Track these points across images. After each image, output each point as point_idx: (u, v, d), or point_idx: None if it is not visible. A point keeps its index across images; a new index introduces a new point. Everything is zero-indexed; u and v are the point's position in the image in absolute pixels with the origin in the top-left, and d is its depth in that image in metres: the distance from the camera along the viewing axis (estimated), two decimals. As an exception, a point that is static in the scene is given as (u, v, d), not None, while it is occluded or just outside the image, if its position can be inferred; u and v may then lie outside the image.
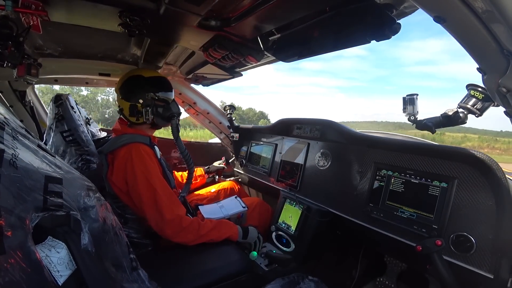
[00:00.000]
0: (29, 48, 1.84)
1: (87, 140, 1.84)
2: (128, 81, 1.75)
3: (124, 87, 1.75)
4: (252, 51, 1.63)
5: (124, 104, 1.75)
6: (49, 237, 0.73)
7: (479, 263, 1.16)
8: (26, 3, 1.13)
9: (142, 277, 1.00)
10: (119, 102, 1.77)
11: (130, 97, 1.73)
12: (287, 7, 1.19)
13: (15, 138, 0.71)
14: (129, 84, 1.75)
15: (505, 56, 0.66)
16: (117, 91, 1.78)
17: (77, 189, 0.84)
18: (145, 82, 1.75)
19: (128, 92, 1.75)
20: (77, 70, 2.28)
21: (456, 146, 1.32)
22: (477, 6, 0.59)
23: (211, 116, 3.03)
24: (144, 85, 1.74)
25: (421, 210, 1.36)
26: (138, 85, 1.74)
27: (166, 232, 1.54)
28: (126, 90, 1.75)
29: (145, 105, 1.73)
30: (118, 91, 1.77)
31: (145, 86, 1.74)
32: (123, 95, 1.75)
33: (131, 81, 1.75)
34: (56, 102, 1.81)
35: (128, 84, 1.75)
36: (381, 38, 1.10)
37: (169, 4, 1.17)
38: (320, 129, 2.05)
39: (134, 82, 1.75)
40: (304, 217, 1.86)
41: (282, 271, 1.66)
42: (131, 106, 1.74)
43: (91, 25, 1.53)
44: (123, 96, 1.75)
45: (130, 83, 1.75)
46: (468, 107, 1.09)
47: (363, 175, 1.66)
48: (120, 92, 1.76)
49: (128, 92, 1.75)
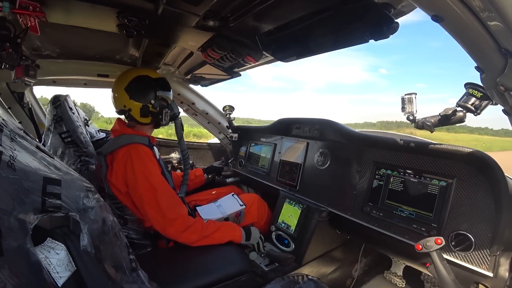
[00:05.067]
0: (27, 49, 1.84)
1: (85, 141, 1.84)
2: (136, 81, 1.72)
3: (132, 87, 1.71)
4: (250, 51, 1.63)
5: (133, 104, 1.72)
6: (48, 238, 0.73)
7: (479, 261, 1.16)
8: (23, 4, 1.13)
9: (141, 278, 1.00)
10: (126, 103, 1.72)
11: (141, 98, 1.72)
12: (285, 7, 1.20)
13: (13, 140, 0.71)
14: (138, 84, 1.73)
15: (503, 54, 0.66)
16: (121, 91, 1.72)
17: (76, 191, 0.84)
18: (155, 83, 1.76)
19: (138, 93, 1.72)
20: (75, 71, 2.27)
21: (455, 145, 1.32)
22: (474, 4, 0.59)
23: (210, 116, 3.03)
24: (154, 86, 1.75)
25: (420, 209, 1.37)
26: (148, 86, 1.74)
27: (170, 232, 1.54)
28: (135, 90, 1.72)
29: (156, 106, 1.75)
30: (124, 91, 1.72)
31: (155, 87, 1.75)
32: (132, 95, 1.72)
33: (141, 81, 1.73)
34: (55, 103, 1.81)
35: (137, 84, 1.73)
36: (380, 37, 1.10)
37: (167, 4, 1.17)
38: (319, 129, 2.05)
39: (144, 83, 1.74)
40: (303, 216, 1.86)
41: (282, 270, 1.66)
42: (143, 107, 1.73)
43: (89, 26, 1.53)
44: (132, 97, 1.71)
45: (140, 83, 1.73)
46: (466, 106, 1.09)
47: (362, 174, 1.66)
48: (128, 92, 1.71)
49: (138, 93, 1.72)
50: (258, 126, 2.82)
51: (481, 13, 0.60)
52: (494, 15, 0.58)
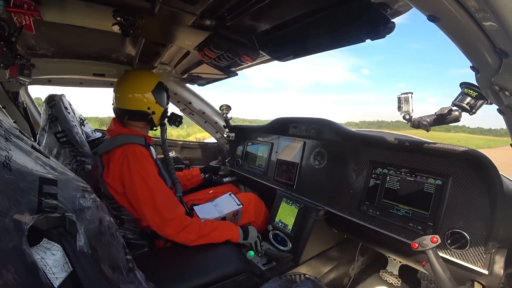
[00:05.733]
0: (22, 48, 1.82)
1: (81, 141, 1.83)
2: (159, 86, 1.83)
3: (157, 92, 1.82)
4: (247, 51, 1.63)
5: (158, 108, 1.83)
6: (44, 239, 0.72)
7: (474, 259, 1.17)
8: (18, 2, 1.12)
9: (138, 278, 1.00)
10: (151, 105, 1.79)
11: (163, 103, 1.88)
12: (282, 6, 1.20)
13: (8, 140, 0.70)
14: (161, 89, 1.86)
15: (497, 54, 0.67)
16: (146, 93, 1.78)
17: (72, 191, 0.84)
18: (166, 90, 1.92)
19: (162, 97, 1.86)
20: (71, 70, 2.26)
21: (451, 144, 1.33)
22: (470, 5, 0.60)
23: (206, 116, 3.03)
24: (167, 93, 1.94)
25: (416, 207, 1.38)
26: (165, 91, 1.91)
27: (167, 232, 1.54)
28: (160, 94, 1.83)
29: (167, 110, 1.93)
30: (151, 94, 1.79)
31: (168, 94, 1.94)
32: (158, 99, 1.82)
33: (161, 87, 1.86)
34: (49, 103, 1.79)
35: (160, 89, 1.85)
36: (376, 37, 1.11)
37: (163, 3, 1.16)
38: (316, 128, 2.06)
39: (163, 88, 1.88)
40: (300, 215, 1.87)
41: (279, 270, 1.67)
42: (164, 111, 1.90)
43: (84, 25, 1.52)
44: (158, 101, 1.82)
45: (161, 89, 1.86)
46: (462, 105, 1.10)
47: (359, 174, 1.66)
48: (155, 96, 1.80)
49: (162, 97, 1.86)
50: (255, 125, 2.82)
51: (477, 13, 0.61)
52: (489, 16, 0.59)
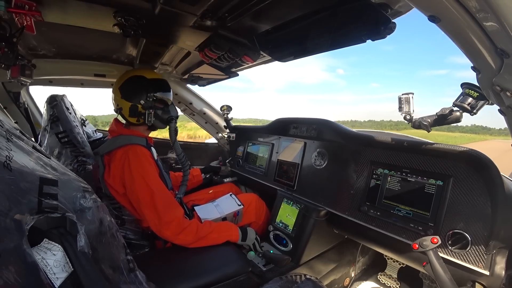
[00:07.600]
0: (23, 49, 1.82)
1: (82, 141, 1.83)
2: (129, 80, 1.73)
3: (125, 87, 1.73)
4: (248, 51, 1.63)
5: (124, 104, 1.72)
6: (45, 239, 0.72)
7: (475, 260, 1.17)
8: (19, 3, 1.12)
9: (139, 278, 1.00)
10: (118, 102, 1.74)
11: (131, 97, 1.72)
12: (282, 7, 1.20)
13: (9, 140, 0.70)
14: (131, 84, 1.73)
15: (498, 55, 0.67)
16: (116, 90, 1.75)
17: (73, 191, 0.84)
18: (148, 83, 1.74)
19: (129, 92, 1.73)
20: (72, 71, 2.26)
21: (451, 144, 1.33)
22: (471, 5, 0.60)
23: (207, 116, 3.03)
24: (146, 86, 1.74)
25: (417, 208, 1.37)
26: (140, 86, 1.73)
27: (165, 234, 1.54)
28: (127, 89, 1.73)
29: (146, 106, 1.73)
30: (118, 90, 1.73)
31: (147, 88, 1.73)
32: (124, 94, 1.72)
33: (133, 81, 1.73)
34: (51, 103, 1.79)
35: (130, 84, 1.73)
36: (377, 37, 1.11)
37: (164, 4, 1.16)
38: (316, 129, 2.06)
39: (136, 83, 1.74)
40: (301, 216, 1.87)
41: (279, 270, 1.66)
42: (132, 106, 1.72)
43: (85, 26, 1.52)
44: (124, 96, 1.72)
45: (132, 83, 1.73)
46: (463, 106, 1.10)
47: (359, 174, 1.66)
48: (121, 91, 1.73)
49: (129, 92, 1.73)
50: (256, 126, 2.82)
51: (477, 13, 0.61)
52: (490, 16, 0.58)
